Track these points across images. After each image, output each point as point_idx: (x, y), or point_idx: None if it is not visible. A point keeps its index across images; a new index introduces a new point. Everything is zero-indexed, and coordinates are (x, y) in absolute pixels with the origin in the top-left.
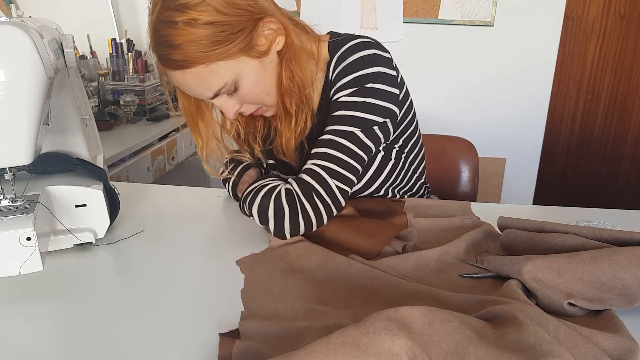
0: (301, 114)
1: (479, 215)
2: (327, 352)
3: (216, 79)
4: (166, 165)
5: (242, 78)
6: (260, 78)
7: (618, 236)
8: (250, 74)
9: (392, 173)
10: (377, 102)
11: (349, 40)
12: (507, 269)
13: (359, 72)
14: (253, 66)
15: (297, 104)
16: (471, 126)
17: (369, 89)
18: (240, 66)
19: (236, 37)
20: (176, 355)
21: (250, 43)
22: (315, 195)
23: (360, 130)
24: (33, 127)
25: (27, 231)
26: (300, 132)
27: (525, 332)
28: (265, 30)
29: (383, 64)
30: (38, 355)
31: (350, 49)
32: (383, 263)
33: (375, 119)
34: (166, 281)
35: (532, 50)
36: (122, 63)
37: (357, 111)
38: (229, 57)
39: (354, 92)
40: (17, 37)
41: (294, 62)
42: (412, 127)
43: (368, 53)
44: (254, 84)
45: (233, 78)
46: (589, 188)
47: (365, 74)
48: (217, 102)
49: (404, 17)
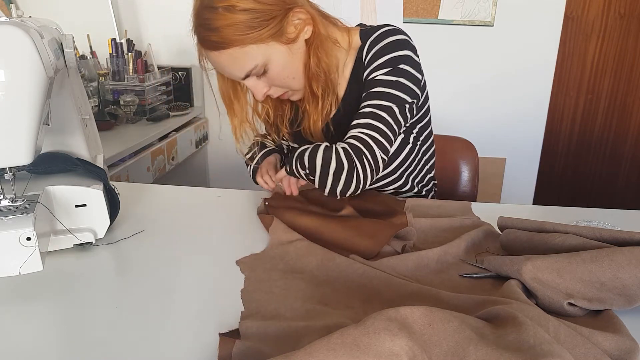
0: (327, 97)
1: (479, 215)
2: (327, 352)
3: (248, 61)
4: (166, 165)
5: (271, 61)
6: (288, 62)
7: (618, 236)
8: (279, 58)
9: (408, 157)
10: (408, 83)
11: (382, 27)
12: (507, 269)
13: (392, 53)
14: (282, 51)
15: (323, 88)
16: (471, 126)
17: (402, 69)
18: (270, 50)
19: (268, 24)
20: (176, 355)
21: (281, 30)
22: (364, 158)
23: (396, 106)
24: (33, 127)
25: (27, 231)
26: (326, 115)
27: (525, 332)
28: (295, 20)
29: (412, 49)
30: (38, 355)
31: (384, 34)
32: (383, 263)
33: (406, 98)
34: (166, 281)
35: (532, 50)
36: (122, 63)
37: (393, 89)
38: (260, 42)
39: (390, 72)
40: (17, 37)
41: (321, 50)
42: (427, 119)
43: (400, 38)
44: (282, 68)
45: (263, 61)
46: (589, 188)
47: (398, 56)
48: (248, 83)
49: (404, 17)
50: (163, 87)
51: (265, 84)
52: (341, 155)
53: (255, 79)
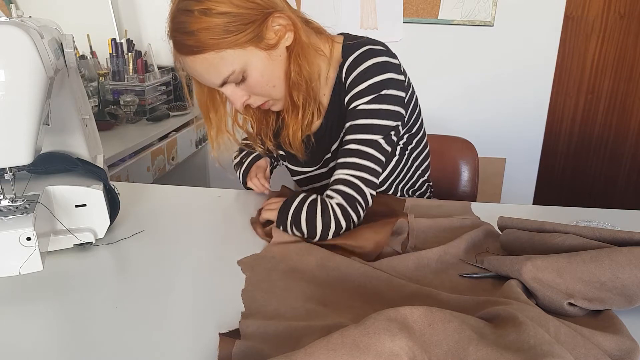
0: (308, 107)
1: (479, 215)
2: (327, 353)
3: (225, 66)
4: (166, 165)
5: (249, 68)
6: (267, 69)
7: (618, 236)
8: (257, 64)
9: (395, 168)
10: (391, 107)
11: (361, 46)
12: (507, 269)
13: (372, 79)
14: (261, 57)
15: (304, 97)
16: (471, 126)
17: (384, 95)
18: (248, 56)
19: (246, 28)
20: (176, 355)
21: (259, 35)
22: (358, 206)
23: (381, 137)
24: (33, 127)
25: (27, 231)
26: (307, 125)
27: (526, 332)
28: (275, 26)
29: (392, 70)
30: (38, 355)
31: (362, 56)
32: (383, 263)
33: (390, 124)
34: (166, 281)
35: (532, 50)
36: (122, 63)
37: (376, 119)
38: (238, 46)
39: (372, 100)
40: (17, 37)
41: (302, 57)
42: (417, 126)
43: (378, 61)
44: (261, 74)
45: (241, 67)
46: (589, 188)
47: (379, 81)
48: (226, 91)
49: (404, 17)
50: (163, 87)
51: (244, 92)
52: (339, 216)
53: (234, 87)
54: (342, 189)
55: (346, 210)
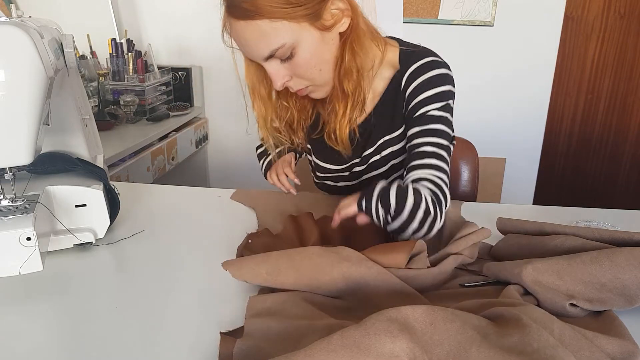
0: (358, 97)
1: (479, 215)
2: (328, 354)
3: (276, 37)
4: (166, 165)
5: (300, 44)
6: (317, 50)
7: (617, 237)
8: (309, 42)
9: None
10: (451, 119)
11: (425, 56)
12: (507, 273)
13: (439, 88)
14: (314, 36)
15: (354, 86)
16: (471, 126)
17: (448, 106)
18: (301, 32)
19: (306, 2)
20: (177, 355)
21: (317, 13)
22: (443, 205)
23: (450, 144)
24: (33, 127)
25: (27, 231)
26: (355, 117)
27: (529, 334)
28: (333, 8)
29: (452, 83)
30: (38, 355)
31: (427, 65)
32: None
33: (452, 133)
34: (166, 281)
35: (532, 50)
36: (122, 63)
37: (446, 126)
38: (293, 20)
39: (442, 108)
40: (17, 37)
41: (357, 44)
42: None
43: (443, 72)
44: (311, 54)
45: (292, 41)
46: (589, 188)
47: (444, 91)
48: (269, 66)
49: (404, 17)
50: (163, 87)
51: (287, 72)
52: (429, 201)
53: (278, 64)
54: (429, 186)
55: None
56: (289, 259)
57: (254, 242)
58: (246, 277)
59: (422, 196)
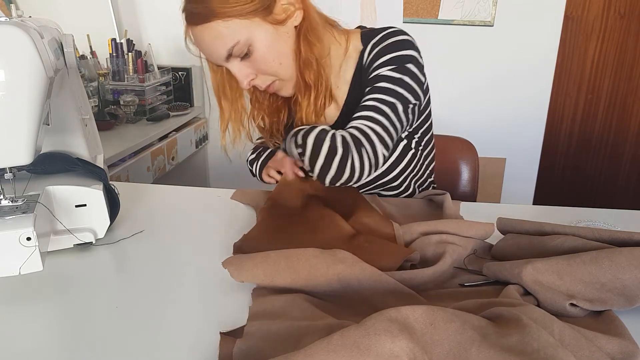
0: (320, 87)
1: (479, 215)
2: (327, 354)
3: (230, 36)
4: (166, 165)
5: (255, 40)
6: (273, 44)
7: (617, 237)
8: (263, 37)
9: (410, 163)
10: (412, 83)
11: (385, 29)
12: (507, 273)
13: (397, 52)
14: (267, 30)
15: (315, 76)
16: (471, 126)
17: (407, 68)
18: (254, 27)
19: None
20: (176, 355)
21: (268, 8)
22: (363, 151)
23: (400, 104)
24: (33, 127)
25: (27, 231)
26: (320, 107)
27: (529, 334)
28: (284, 3)
29: (417, 50)
30: (38, 355)
31: (388, 35)
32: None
33: (410, 98)
34: (166, 281)
35: (532, 50)
36: (122, 63)
37: (398, 87)
38: (244, 16)
39: (395, 69)
40: (17, 37)
41: (312, 35)
42: (429, 123)
43: (405, 38)
44: (267, 48)
45: (246, 38)
46: (589, 188)
47: (404, 55)
48: (233, 67)
49: (404, 17)
50: (163, 87)
51: (250, 69)
52: (337, 140)
53: (240, 63)
54: (350, 130)
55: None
56: (287, 260)
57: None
58: (244, 278)
59: (328, 135)
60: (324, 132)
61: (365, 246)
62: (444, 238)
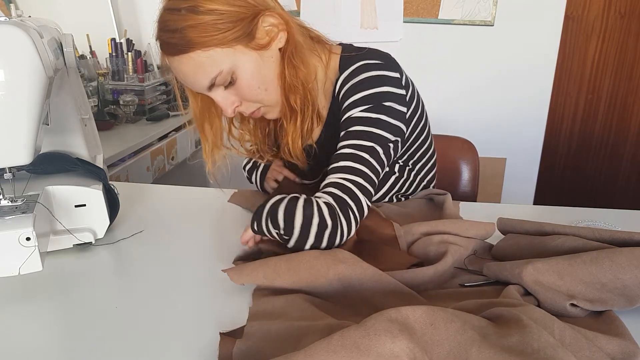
0: (307, 111)
1: (479, 215)
2: (327, 354)
3: (212, 66)
4: (166, 165)
5: (239, 68)
6: (258, 70)
7: (618, 237)
8: (247, 65)
9: (395, 185)
10: (390, 120)
11: (358, 60)
12: (507, 273)
13: (371, 89)
14: (251, 57)
15: (301, 100)
16: (471, 126)
17: (383, 106)
18: (237, 55)
19: (234, 26)
20: (176, 355)
21: (249, 34)
22: (350, 211)
23: (379, 146)
24: (33, 127)
25: (26, 231)
26: (308, 131)
27: (530, 335)
28: (266, 25)
29: (390, 83)
30: (38, 355)
31: (357, 70)
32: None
33: (389, 137)
34: (166, 281)
35: (532, 50)
36: (122, 63)
37: (374, 128)
38: (225, 45)
39: (369, 109)
40: (17, 37)
41: (297, 58)
42: (421, 139)
43: (374, 74)
44: (252, 75)
45: (229, 67)
46: (589, 188)
47: (377, 92)
48: (216, 96)
49: (404, 16)
50: (163, 86)
51: (235, 97)
52: (324, 212)
53: (223, 91)
54: (332, 191)
55: (334, 211)
56: (287, 262)
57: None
58: (244, 281)
59: (314, 209)
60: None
61: (371, 254)
62: (445, 238)
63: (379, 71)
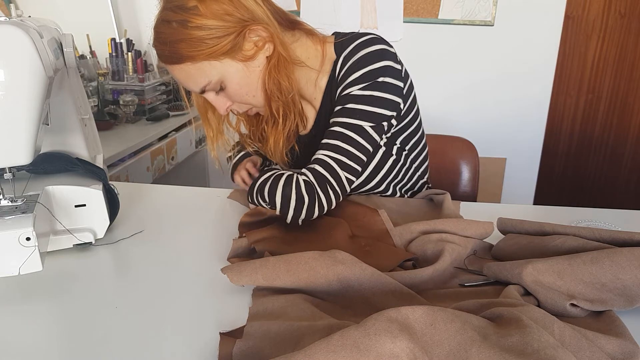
0: (288, 119)
1: (479, 215)
2: (327, 354)
3: (201, 77)
4: (166, 165)
5: (226, 79)
6: (244, 80)
7: (618, 237)
8: (234, 76)
9: (392, 169)
10: (386, 95)
11: (356, 39)
12: (507, 273)
13: (368, 67)
14: (237, 69)
15: (283, 109)
16: (471, 126)
17: (380, 82)
18: (225, 67)
19: (221, 41)
20: (176, 355)
21: (236, 47)
22: (328, 186)
23: (370, 125)
24: (33, 127)
25: (26, 231)
26: (288, 136)
27: (530, 335)
28: (253, 37)
29: (389, 58)
30: (38, 355)
31: (357, 47)
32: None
33: (384, 112)
34: (166, 281)
35: (532, 50)
36: (122, 63)
37: (367, 105)
38: (213, 58)
39: (366, 87)
40: (17, 37)
41: (279, 70)
42: (415, 125)
43: (375, 49)
44: (239, 85)
45: (217, 78)
46: (589, 188)
47: (374, 69)
48: (208, 97)
49: (404, 16)
50: (163, 86)
51: (226, 99)
52: (302, 189)
53: (215, 94)
54: (314, 167)
55: (311, 186)
56: (286, 264)
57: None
58: (244, 282)
59: (293, 187)
60: (288, 185)
61: (366, 250)
62: (443, 237)
63: (377, 45)
